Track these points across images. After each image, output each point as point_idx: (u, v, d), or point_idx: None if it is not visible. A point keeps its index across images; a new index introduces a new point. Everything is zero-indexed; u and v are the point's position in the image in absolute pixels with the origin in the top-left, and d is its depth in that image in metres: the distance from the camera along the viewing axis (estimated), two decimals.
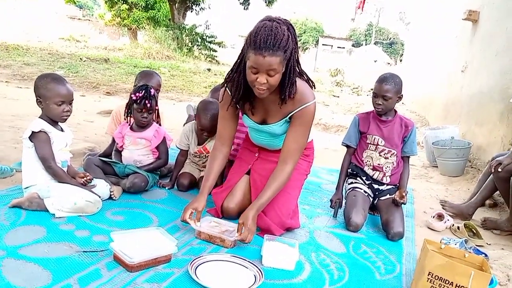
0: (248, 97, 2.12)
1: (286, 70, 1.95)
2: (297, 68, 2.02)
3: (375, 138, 2.63)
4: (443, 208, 3.00)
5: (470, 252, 2.12)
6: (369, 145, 2.66)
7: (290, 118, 2.13)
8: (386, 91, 2.51)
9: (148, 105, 2.61)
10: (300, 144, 2.15)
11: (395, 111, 2.66)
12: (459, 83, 5.81)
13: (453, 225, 2.75)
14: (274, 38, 1.82)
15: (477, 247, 2.34)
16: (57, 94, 2.13)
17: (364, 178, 2.68)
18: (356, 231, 2.43)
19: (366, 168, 2.68)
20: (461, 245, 2.30)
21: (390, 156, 2.62)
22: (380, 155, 2.63)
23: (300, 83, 2.07)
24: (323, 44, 32.46)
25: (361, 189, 2.65)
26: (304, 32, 38.02)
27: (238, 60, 2.05)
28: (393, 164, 2.64)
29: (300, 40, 34.63)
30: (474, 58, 5.42)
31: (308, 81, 2.15)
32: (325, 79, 15.68)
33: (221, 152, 2.26)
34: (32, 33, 15.30)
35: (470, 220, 2.89)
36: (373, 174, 2.66)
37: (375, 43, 38.61)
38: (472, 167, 4.35)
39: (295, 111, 2.09)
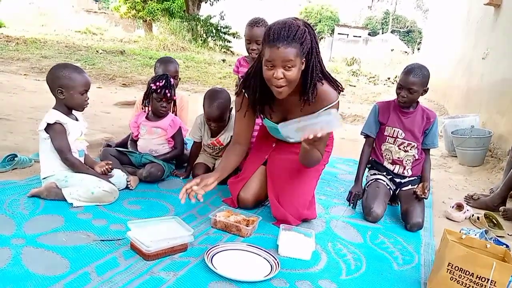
0: (266, 100, 2.08)
1: (308, 69, 1.90)
2: (320, 67, 1.96)
3: (394, 130, 2.56)
4: (468, 204, 2.89)
5: (490, 242, 2.07)
6: (387, 137, 2.58)
7: None
8: (413, 84, 2.41)
9: (168, 94, 2.62)
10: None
11: (417, 102, 2.57)
12: (480, 70, 5.67)
13: (472, 215, 2.69)
14: (289, 30, 1.79)
15: (497, 238, 2.28)
16: (81, 84, 2.17)
17: (384, 173, 2.63)
18: (375, 221, 2.39)
19: (385, 163, 2.61)
20: (481, 235, 2.25)
21: (410, 149, 2.55)
22: (400, 149, 2.56)
23: (322, 83, 2.01)
24: (338, 33, 32.06)
25: (383, 181, 2.59)
26: (320, 21, 37.56)
27: (254, 64, 2.02)
28: (414, 157, 2.56)
29: (315, 29, 34.39)
30: (496, 44, 5.27)
31: (335, 83, 2.07)
32: (341, 69, 15.50)
33: (238, 147, 2.23)
34: (49, 26, 15.48)
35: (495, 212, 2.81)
36: (393, 169, 2.60)
37: (392, 32, 37.99)
38: (492, 157, 4.25)
39: (320, 111, 1.99)
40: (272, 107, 2.12)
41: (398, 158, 2.57)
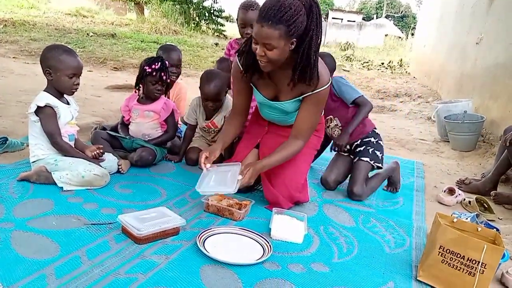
0: (256, 69, 2.05)
1: (299, 51, 1.85)
2: (312, 55, 1.87)
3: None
4: (459, 189, 2.90)
5: (481, 226, 2.08)
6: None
7: (303, 98, 2.06)
8: None
9: (164, 77, 2.57)
10: (312, 123, 2.13)
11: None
12: (474, 55, 5.66)
13: (464, 199, 2.71)
14: (278, 10, 1.73)
15: (488, 222, 2.30)
16: (69, 67, 2.10)
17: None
18: (331, 189, 2.60)
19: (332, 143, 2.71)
20: (472, 219, 2.26)
21: (331, 122, 2.65)
22: (326, 127, 2.65)
23: (320, 64, 1.96)
24: (333, 18, 31.80)
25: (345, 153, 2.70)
26: None
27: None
28: (337, 126, 2.63)
29: None
30: (490, 29, 5.25)
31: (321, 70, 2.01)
32: (335, 54, 15.42)
33: (236, 119, 2.27)
34: (38, 8, 15.15)
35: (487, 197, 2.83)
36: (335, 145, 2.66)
37: (386, 17, 37.80)
38: (484, 142, 4.27)
39: (308, 93, 2.02)
40: (262, 76, 2.10)
41: (330, 134, 2.69)
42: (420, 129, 5.29)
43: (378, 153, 2.56)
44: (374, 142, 2.58)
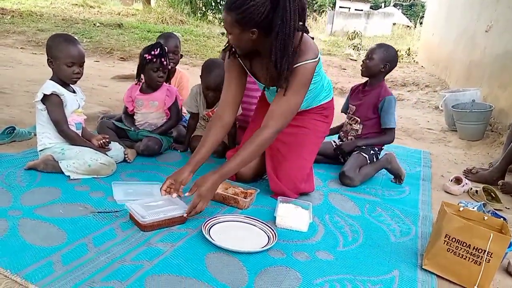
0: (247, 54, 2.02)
1: (270, 39, 1.76)
2: (286, 40, 1.75)
3: (350, 106, 2.81)
4: (466, 178, 2.88)
5: (488, 215, 2.07)
6: (348, 112, 2.85)
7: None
8: (373, 51, 2.65)
9: (165, 62, 2.56)
10: (286, 107, 1.90)
11: (382, 82, 2.71)
12: (483, 43, 5.58)
13: (471, 188, 2.69)
14: None
15: (495, 211, 2.28)
16: (68, 55, 2.10)
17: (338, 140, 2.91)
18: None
19: (341, 133, 2.91)
20: (479, 208, 2.24)
21: (355, 124, 2.76)
22: (348, 122, 2.82)
23: (300, 40, 1.83)
24: (340, 7, 31.46)
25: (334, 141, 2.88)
26: None
27: None
28: (357, 132, 2.75)
29: (316, 3, 33.68)
30: (500, 17, 5.17)
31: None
32: (342, 43, 15.29)
33: (220, 121, 2.03)
34: None
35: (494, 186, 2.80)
36: (343, 138, 2.87)
37: (394, 5, 37.28)
38: (492, 131, 4.23)
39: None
40: (256, 64, 2.07)
41: (345, 130, 2.84)
42: (428, 119, 5.25)
43: (375, 158, 2.68)
44: (377, 149, 2.71)
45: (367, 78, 2.76)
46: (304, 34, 1.89)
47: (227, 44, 2.00)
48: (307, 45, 1.90)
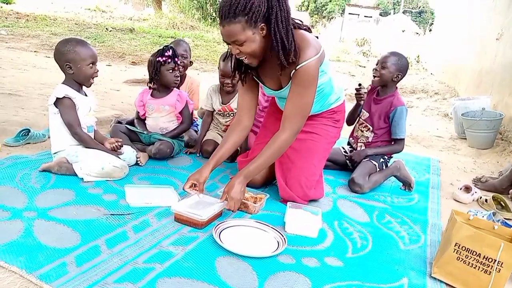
0: (247, 66, 2.02)
1: (271, 33, 1.78)
2: (283, 30, 1.78)
3: (363, 111, 2.81)
4: (476, 187, 2.87)
5: (498, 224, 2.06)
6: (359, 118, 2.84)
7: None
8: (386, 59, 2.63)
9: (178, 62, 2.64)
10: (299, 108, 1.94)
11: (395, 90, 2.72)
12: (493, 51, 5.56)
13: (480, 197, 2.68)
14: (231, 3, 1.70)
15: (505, 220, 2.27)
16: (87, 56, 2.17)
17: (348, 146, 2.92)
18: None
19: (350, 139, 2.91)
20: (488, 217, 2.24)
21: (366, 131, 2.77)
22: (359, 128, 2.82)
23: (299, 38, 1.87)
24: (349, 13, 31.52)
25: (343, 148, 2.91)
26: (330, 1, 36.90)
27: None
28: (367, 139, 2.77)
29: (325, 10, 33.72)
30: (511, 24, 5.15)
31: (308, 30, 1.97)
32: (351, 49, 15.29)
33: (239, 125, 2.13)
34: (59, 3, 15.38)
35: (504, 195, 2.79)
36: (353, 144, 2.87)
37: (403, 12, 37.22)
38: (502, 139, 4.20)
39: (293, 70, 1.90)
40: (257, 70, 2.09)
41: (356, 135, 2.85)
42: (437, 126, 5.23)
43: (384, 166, 2.69)
44: (386, 157, 2.73)
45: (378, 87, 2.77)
46: (303, 31, 1.93)
47: (235, 65, 2.05)
48: (307, 42, 1.89)
